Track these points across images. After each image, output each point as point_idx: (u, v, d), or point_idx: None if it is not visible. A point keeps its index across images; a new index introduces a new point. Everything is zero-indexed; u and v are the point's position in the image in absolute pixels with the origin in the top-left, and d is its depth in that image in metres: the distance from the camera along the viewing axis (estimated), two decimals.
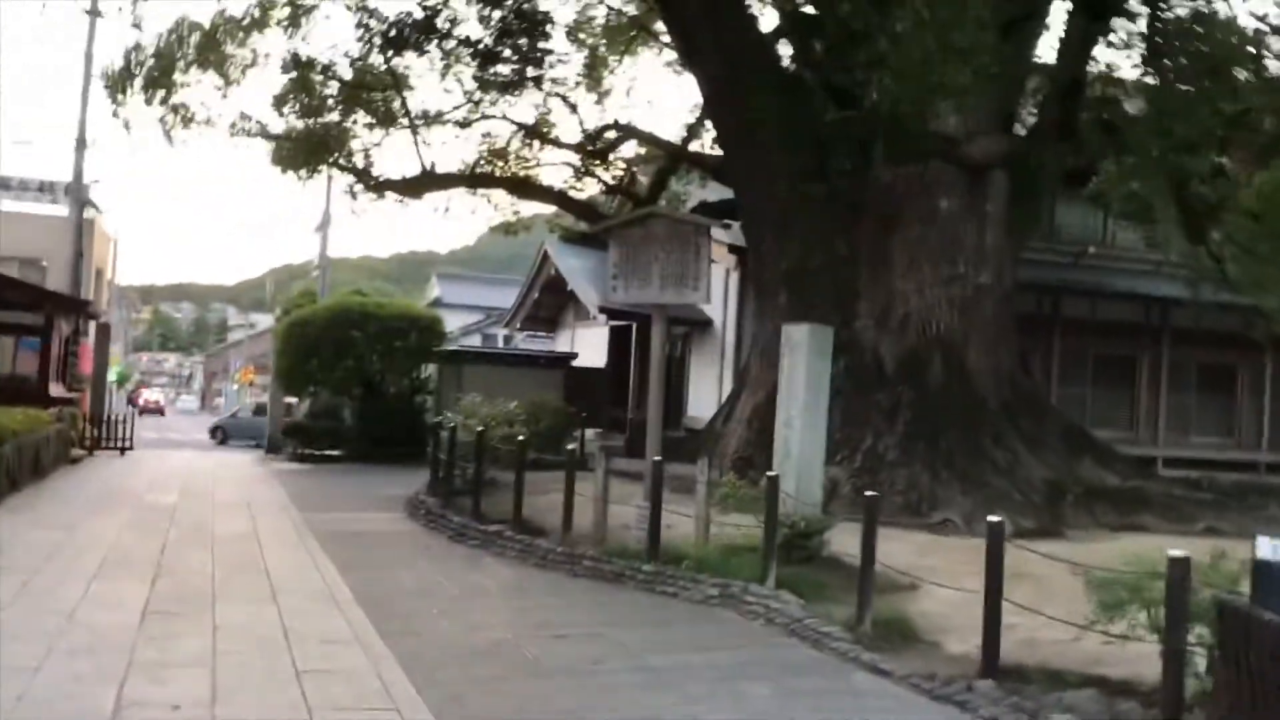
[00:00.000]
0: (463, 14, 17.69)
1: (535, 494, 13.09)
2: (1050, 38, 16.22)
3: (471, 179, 21.37)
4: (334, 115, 21.12)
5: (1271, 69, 13.08)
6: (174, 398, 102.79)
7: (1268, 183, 12.98)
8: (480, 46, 16.75)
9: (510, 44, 17.50)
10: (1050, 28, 16.15)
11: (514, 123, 21.79)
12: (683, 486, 13.95)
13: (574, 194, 22.15)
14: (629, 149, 23.54)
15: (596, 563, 10.44)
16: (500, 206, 23.34)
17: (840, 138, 16.40)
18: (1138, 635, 6.12)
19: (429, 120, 21.20)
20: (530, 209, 24.53)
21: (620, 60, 23.69)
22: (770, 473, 9.25)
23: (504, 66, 17.88)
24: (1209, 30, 11.90)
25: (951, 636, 7.81)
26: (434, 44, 17.80)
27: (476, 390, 19.29)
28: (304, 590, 9.34)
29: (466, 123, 22.09)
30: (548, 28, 18.37)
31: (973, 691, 6.35)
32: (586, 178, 22.67)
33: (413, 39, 17.49)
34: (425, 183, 20.62)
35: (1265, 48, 12.43)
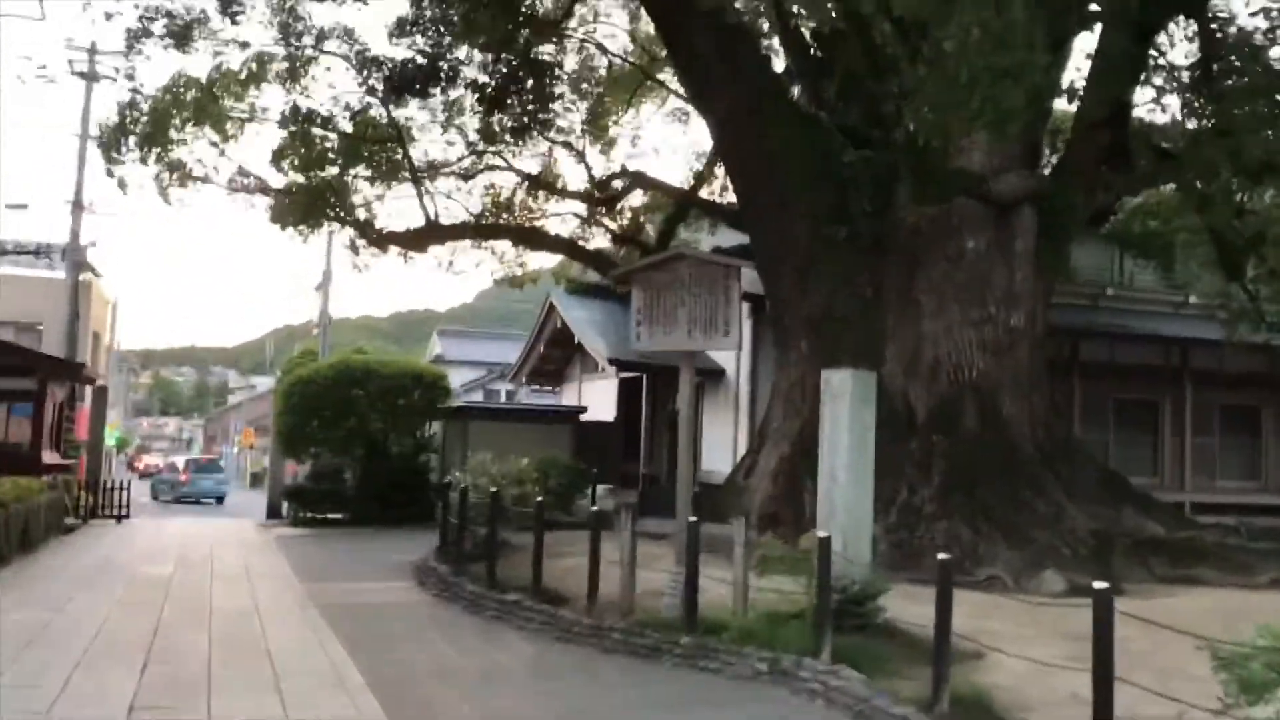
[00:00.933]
0: (467, 61, 17.11)
1: (551, 557, 12.27)
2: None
3: (477, 230, 20.76)
4: (334, 169, 20.56)
5: None
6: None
7: None
8: (486, 92, 16.18)
9: (516, 90, 16.97)
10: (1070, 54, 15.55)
11: (519, 173, 21.26)
12: (709, 546, 13.25)
13: (581, 244, 21.50)
14: (636, 198, 22.99)
15: (627, 635, 9.61)
16: (505, 259, 22.72)
17: (861, 177, 15.78)
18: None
19: (432, 172, 20.64)
20: (535, 261, 23.98)
21: (625, 110, 23.23)
22: (819, 533, 8.46)
23: (509, 114, 17.29)
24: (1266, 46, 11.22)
25: (1036, 716, 6.99)
26: (438, 90, 17.25)
27: (482, 447, 18.55)
28: (309, 673, 8.52)
29: (470, 174, 21.58)
30: (555, 72, 17.81)
31: None
32: (594, 227, 22.08)
33: (416, 85, 16.95)
34: (429, 235, 20.00)
35: None
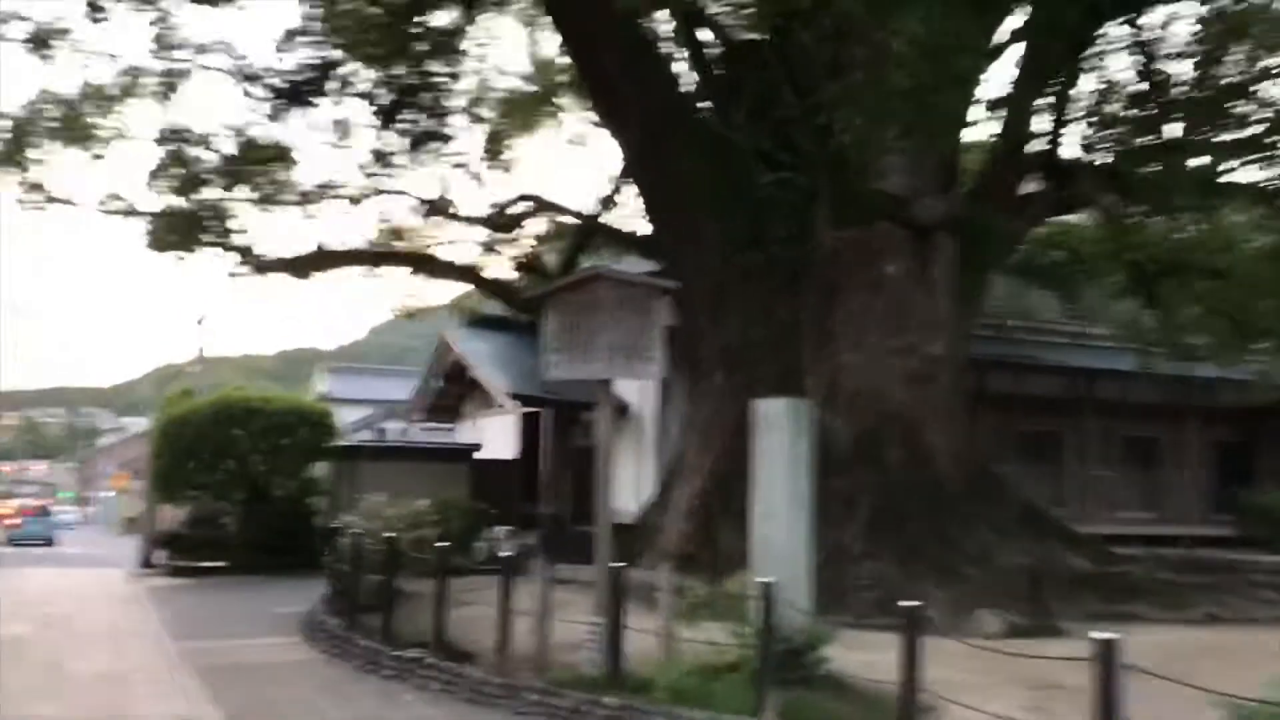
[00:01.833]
0: (357, 79, 16.03)
1: (452, 606, 11.21)
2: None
3: (369, 256, 19.62)
4: (214, 191, 19.23)
5: None
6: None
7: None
8: (379, 103, 15.17)
9: (411, 103, 15.97)
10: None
11: (414, 197, 20.19)
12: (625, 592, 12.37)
13: (480, 272, 20.49)
14: (537, 225, 22.12)
15: (545, 696, 8.63)
16: (401, 289, 21.58)
17: (777, 201, 15.20)
18: None
19: (320, 195, 19.47)
20: (432, 293, 22.93)
21: (524, 134, 22.37)
22: (761, 577, 7.62)
23: (404, 125, 16.24)
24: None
25: None
26: (327, 100, 16.14)
27: (373, 488, 17.34)
28: None
29: (361, 198, 20.42)
30: (452, 85, 16.83)
31: None
32: (493, 255, 21.09)
33: (304, 94, 15.81)
34: (317, 261, 18.81)
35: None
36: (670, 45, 16.27)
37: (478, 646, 10.51)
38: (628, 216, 21.38)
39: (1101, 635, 5.18)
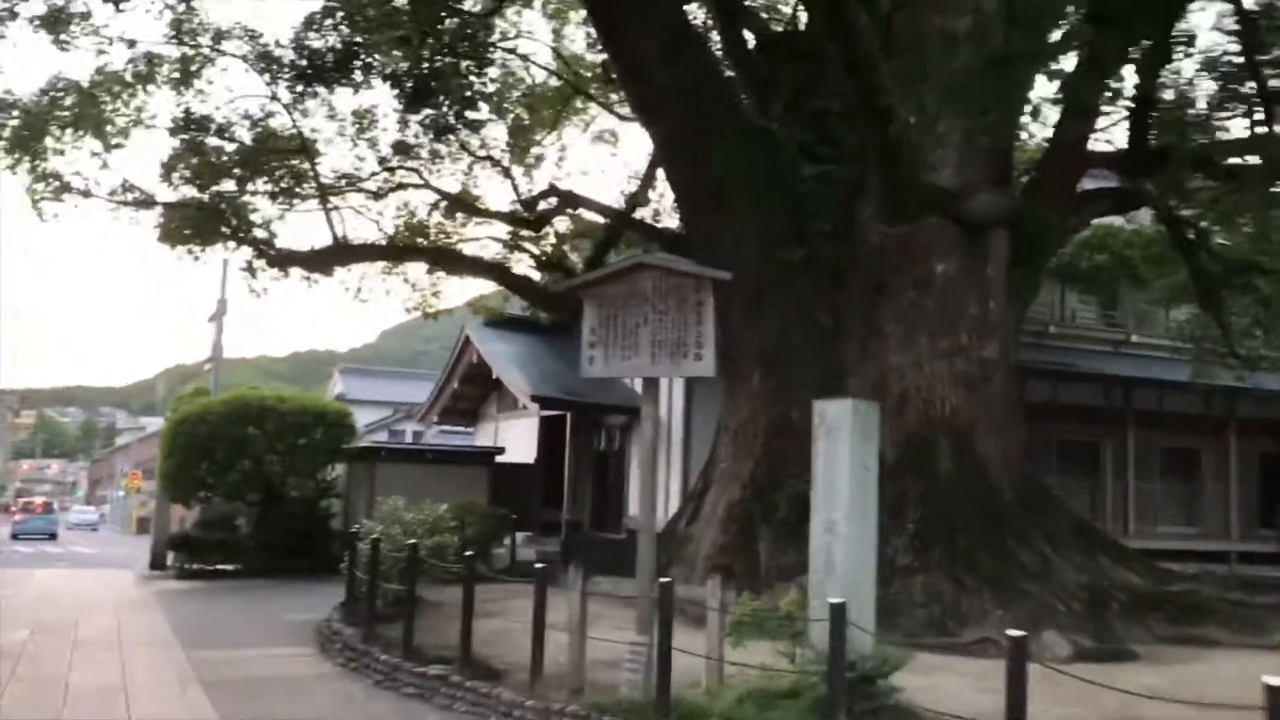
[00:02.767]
0: (381, 62, 15.30)
1: (475, 617, 10.48)
2: None
3: (390, 251, 18.93)
4: (231, 183, 18.57)
5: None
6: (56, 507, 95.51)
7: None
8: (406, 86, 14.45)
9: (438, 88, 15.26)
10: None
11: (437, 190, 19.49)
12: (616, 596, 11.68)
13: (506, 267, 19.77)
14: (562, 223, 21.42)
15: None
16: (419, 286, 20.87)
17: (819, 195, 14.47)
18: None
19: (341, 189, 18.80)
20: (450, 292, 22.27)
21: (550, 130, 21.68)
22: (822, 595, 6.85)
23: (430, 110, 15.50)
24: None
25: None
26: (351, 83, 15.40)
27: (390, 491, 16.65)
28: None
29: (383, 192, 19.76)
30: (481, 69, 16.07)
31: None
32: (517, 253, 20.37)
33: (327, 75, 15.11)
34: (336, 255, 18.12)
35: None
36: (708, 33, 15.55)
37: (506, 663, 9.80)
38: (657, 214, 20.71)
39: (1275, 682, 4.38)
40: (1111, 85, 10.64)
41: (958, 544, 12.44)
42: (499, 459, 24.49)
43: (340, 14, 15.06)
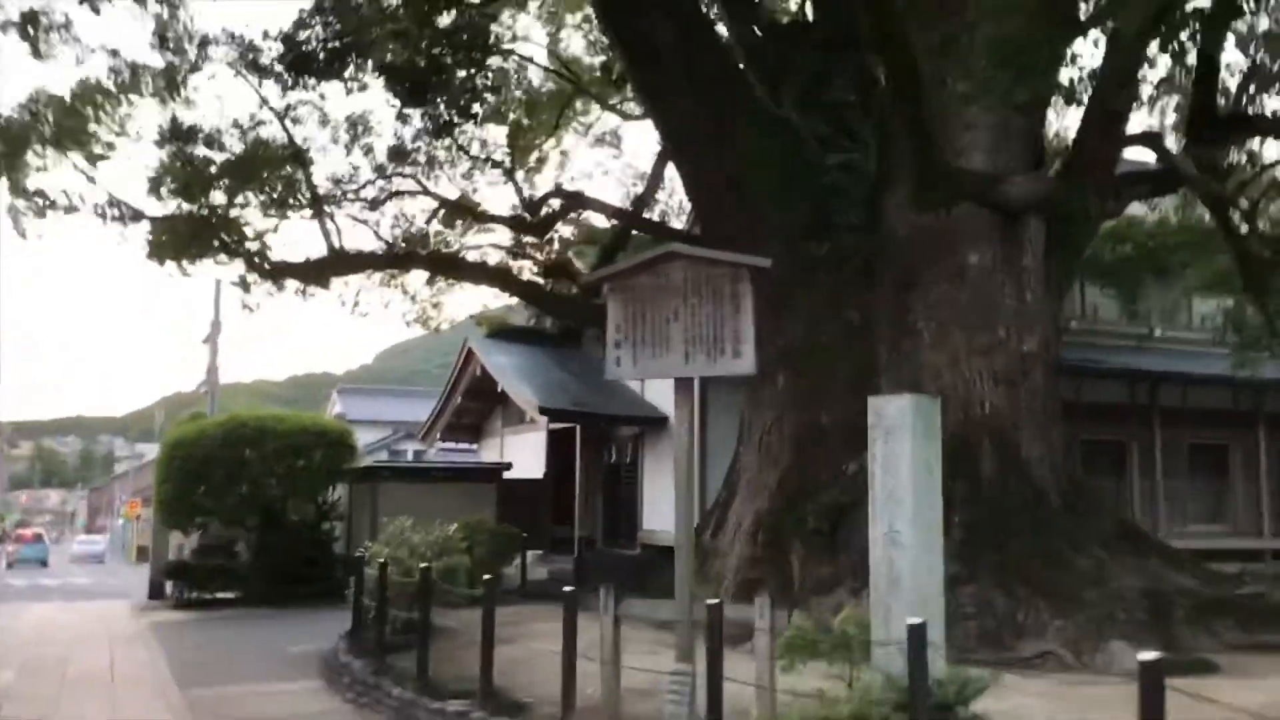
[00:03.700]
0: (379, 50, 14.46)
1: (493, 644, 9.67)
2: None
3: (388, 260, 18.12)
4: (221, 194, 17.79)
5: None
6: (56, 538, 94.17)
7: None
8: (403, 80, 13.64)
9: (438, 82, 14.47)
10: None
11: (435, 197, 18.69)
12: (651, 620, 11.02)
13: (510, 274, 18.96)
14: (567, 229, 20.65)
15: None
16: (419, 298, 20.06)
17: (844, 186, 13.71)
18: None
19: (335, 196, 18.02)
20: (449, 308, 21.48)
21: (550, 134, 20.92)
22: (911, 619, 6.03)
23: (429, 108, 14.70)
24: None
25: None
26: (344, 75, 14.57)
27: (394, 512, 15.87)
28: None
29: (379, 200, 18.98)
30: (484, 58, 15.25)
31: None
32: (520, 260, 19.58)
33: (318, 67, 14.29)
34: (332, 265, 17.31)
35: None
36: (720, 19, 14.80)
37: (532, 695, 8.98)
38: (665, 216, 19.95)
39: None
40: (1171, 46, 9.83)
41: (1007, 551, 11.62)
42: (506, 475, 23.66)
43: (332, 7, 14.22)
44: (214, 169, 17.83)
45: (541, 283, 19.62)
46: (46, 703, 10.38)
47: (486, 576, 9.66)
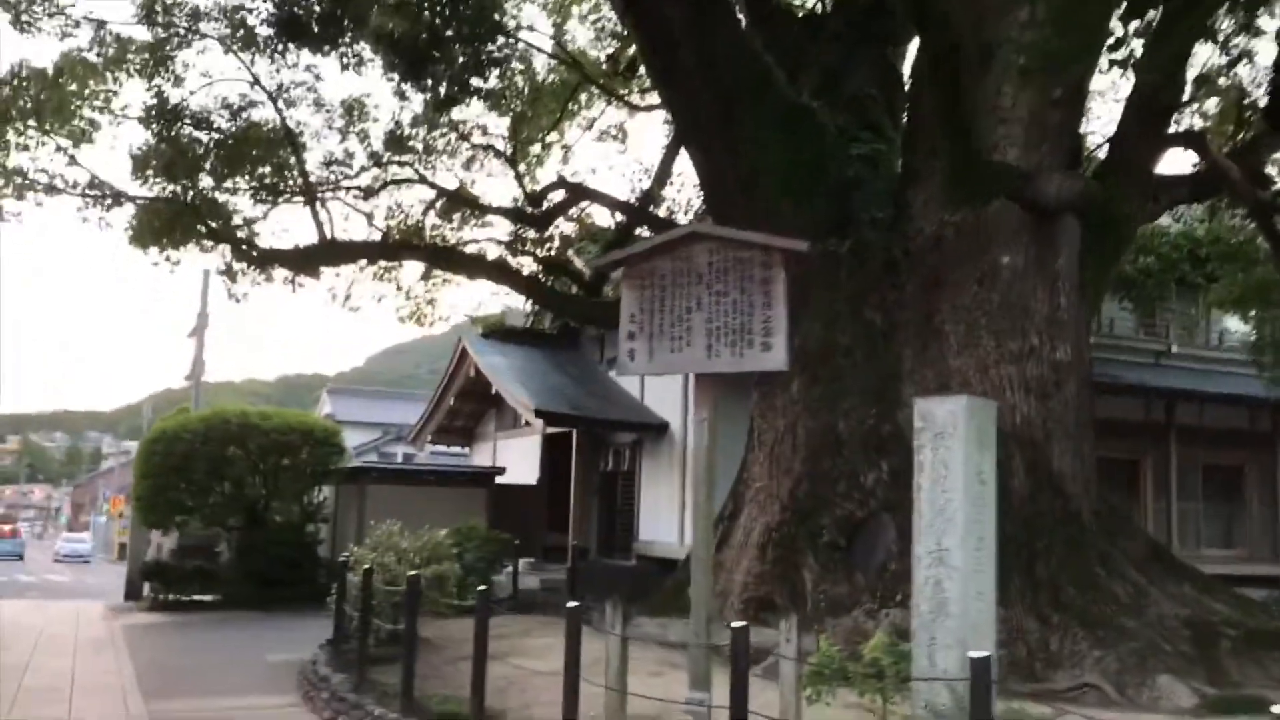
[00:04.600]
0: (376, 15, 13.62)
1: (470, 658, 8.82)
2: None
3: (383, 249, 17.28)
4: (209, 178, 16.96)
5: None
6: (40, 534, 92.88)
7: None
8: (403, 48, 12.82)
9: (441, 55, 13.63)
10: None
11: (434, 186, 17.87)
12: (663, 640, 10.05)
13: (510, 265, 18.12)
14: (570, 226, 19.81)
15: None
16: (412, 294, 19.21)
17: (867, 179, 12.92)
18: None
19: (328, 183, 17.20)
20: (443, 308, 20.65)
21: (553, 128, 20.11)
22: (974, 653, 5.21)
23: (432, 79, 13.86)
24: None
25: None
26: (338, 44, 13.70)
27: (382, 516, 15.05)
28: None
29: (374, 189, 18.16)
30: (495, 22, 14.34)
31: None
32: (519, 256, 18.74)
33: (311, 31, 13.41)
34: (324, 254, 16.47)
35: None
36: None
37: (525, 717, 8.15)
38: (672, 213, 19.15)
39: None
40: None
41: (1038, 573, 10.83)
42: (499, 480, 22.82)
43: None
44: (201, 151, 17.01)
45: (541, 279, 18.78)
46: None
47: (481, 587, 8.79)
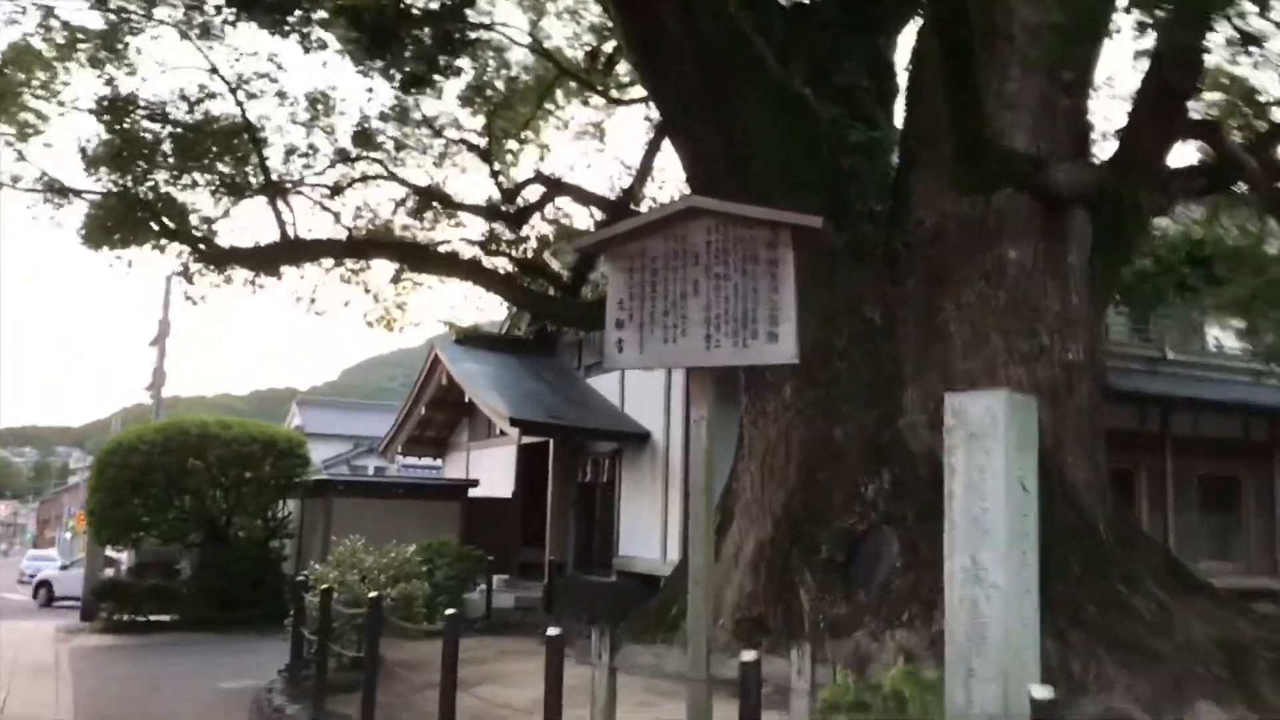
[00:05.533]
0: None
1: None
2: None
3: (349, 247, 16.36)
4: (164, 172, 16.02)
5: None
6: (5, 550, 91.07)
7: None
8: (366, 26, 11.92)
9: (409, 33, 12.77)
10: None
11: (404, 183, 16.97)
12: (657, 672, 9.20)
13: (484, 265, 17.22)
14: (546, 225, 18.96)
15: None
16: (381, 296, 18.28)
17: (864, 169, 12.14)
18: None
19: (292, 179, 16.31)
20: (414, 316, 19.74)
21: (528, 125, 19.26)
22: (1038, 691, 4.36)
23: (399, 59, 12.99)
24: None
25: None
26: (295, 17, 12.74)
27: (349, 530, 14.19)
28: None
29: (341, 187, 17.26)
30: (463, 11, 13.48)
31: None
32: (494, 257, 17.86)
33: (264, 6, 12.46)
34: (285, 253, 15.52)
35: None
36: None
37: None
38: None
39: None
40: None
41: (1054, 590, 9.98)
42: (472, 493, 21.88)
43: None
44: (157, 144, 16.07)
45: (517, 280, 17.90)
46: None
47: (450, 611, 7.88)
